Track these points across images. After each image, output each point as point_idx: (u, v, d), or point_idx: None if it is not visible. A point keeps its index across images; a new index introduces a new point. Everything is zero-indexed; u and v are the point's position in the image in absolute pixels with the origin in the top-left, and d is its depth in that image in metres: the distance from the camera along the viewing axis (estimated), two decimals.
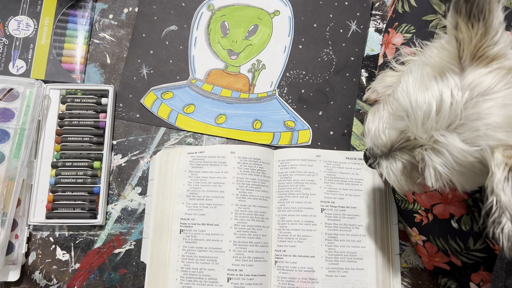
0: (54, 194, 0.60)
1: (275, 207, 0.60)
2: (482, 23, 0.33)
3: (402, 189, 0.43)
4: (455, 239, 0.52)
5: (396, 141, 0.39)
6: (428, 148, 0.36)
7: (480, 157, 0.34)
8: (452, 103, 0.34)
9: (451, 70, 0.35)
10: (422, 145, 0.37)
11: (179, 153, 0.61)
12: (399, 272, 0.59)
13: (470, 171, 0.35)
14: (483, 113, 0.33)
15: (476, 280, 0.52)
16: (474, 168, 0.35)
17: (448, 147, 0.35)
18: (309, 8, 0.67)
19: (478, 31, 0.33)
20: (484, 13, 0.33)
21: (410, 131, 0.37)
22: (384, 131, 0.40)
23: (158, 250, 0.58)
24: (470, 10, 0.33)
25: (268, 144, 0.63)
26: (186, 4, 0.68)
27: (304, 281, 0.57)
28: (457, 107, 0.34)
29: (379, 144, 0.41)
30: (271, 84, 0.66)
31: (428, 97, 0.35)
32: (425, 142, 0.36)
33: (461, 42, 0.34)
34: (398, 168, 0.41)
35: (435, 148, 0.36)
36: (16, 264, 0.58)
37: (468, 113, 0.34)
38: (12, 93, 0.62)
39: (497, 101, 0.33)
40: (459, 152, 0.34)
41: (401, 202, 0.57)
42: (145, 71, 0.66)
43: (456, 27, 0.34)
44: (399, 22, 0.59)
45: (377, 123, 0.41)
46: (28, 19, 0.65)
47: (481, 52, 0.34)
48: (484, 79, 0.34)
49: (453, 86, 0.34)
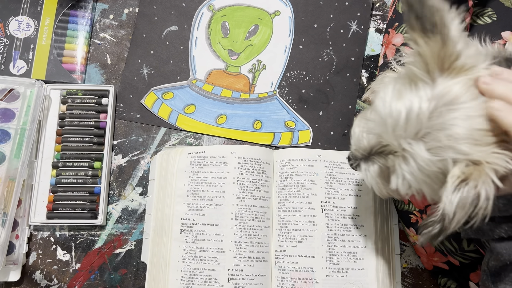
0: (54, 194, 0.60)
1: (275, 207, 0.60)
2: (438, 36, 0.33)
3: (380, 192, 0.43)
4: (450, 240, 0.52)
5: (374, 146, 0.40)
6: (399, 155, 0.37)
7: (442, 167, 0.34)
8: (418, 112, 0.34)
9: (423, 81, 0.35)
10: (396, 152, 0.37)
11: (179, 153, 0.61)
12: (400, 272, 0.59)
13: (434, 182, 0.36)
14: (447, 124, 0.34)
15: (475, 279, 0.52)
16: (437, 179, 0.35)
17: (414, 156, 0.35)
18: (310, 8, 0.67)
19: (436, 44, 0.33)
20: (437, 27, 0.33)
21: (383, 137, 0.38)
22: (364, 136, 0.41)
23: (158, 250, 0.58)
24: (423, 26, 0.33)
25: (269, 144, 0.63)
26: (187, 4, 0.68)
27: (304, 281, 0.57)
28: (423, 116, 0.34)
29: (360, 148, 0.42)
30: (272, 84, 0.66)
31: (400, 105, 0.35)
32: (397, 149, 0.37)
33: (423, 55, 0.34)
34: (375, 171, 0.41)
35: (404, 156, 0.36)
36: (17, 264, 0.58)
37: (433, 123, 0.34)
38: (12, 94, 0.62)
39: (462, 112, 0.33)
40: (423, 161, 0.35)
41: (398, 202, 0.57)
42: (146, 71, 0.66)
43: (416, 42, 0.34)
44: (400, 23, 0.60)
45: (361, 127, 0.42)
46: (29, 20, 0.65)
47: (447, 64, 0.34)
48: (451, 89, 0.34)
49: (423, 95, 0.34)
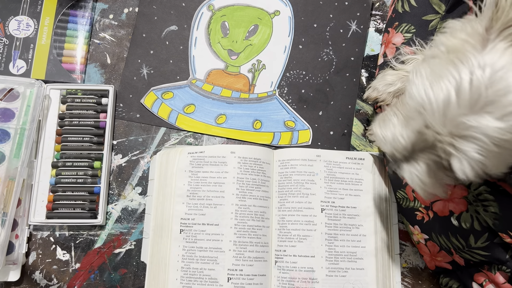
0: (54, 194, 0.60)
1: (275, 207, 0.60)
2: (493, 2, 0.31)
3: (427, 193, 0.40)
4: (456, 237, 0.51)
5: (416, 142, 0.37)
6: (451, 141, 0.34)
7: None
8: (473, 83, 0.31)
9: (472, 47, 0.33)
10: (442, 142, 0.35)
11: (179, 153, 0.61)
12: (399, 272, 0.59)
13: (507, 150, 0.33)
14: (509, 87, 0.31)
15: (479, 280, 0.52)
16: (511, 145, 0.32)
17: (481, 130, 0.32)
18: (309, 8, 0.67)
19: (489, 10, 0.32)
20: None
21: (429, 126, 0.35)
22: (401, 135, 0.38)
23: (158, 250, 0.58)
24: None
25: (268, 144, 0.63)
26: (186, 4, 0.68)
27: (304, 281, 0.57)
28: (479, 85, 0.31)
29: (399, 148, 0.39)
30: (271, 84, 0.66)
31: (445, 84, 0.32)
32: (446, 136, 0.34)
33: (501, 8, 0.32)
34: (422, 171, 0.38)
35: (465, 135, 0.33)
36: (17, 264, 0.58)
37: (495, 89, 0.31)
38: (12, 93, 0.62)
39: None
40: (496, 131, 0.32)
41: (402, 200, 0.57)
42: (145, 71, 0.66)
43: None
44: (399, 22, 0.59)
45: (392, 128, 0.39)
46: (29, 19, 0.65)
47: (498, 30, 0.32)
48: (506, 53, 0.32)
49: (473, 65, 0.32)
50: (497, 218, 0.46)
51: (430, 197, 0.41)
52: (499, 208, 0.46)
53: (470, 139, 0.33)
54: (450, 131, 0.34)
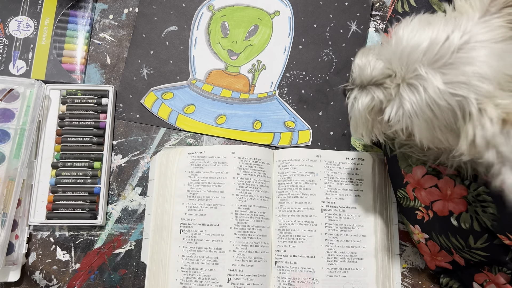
0: (54, 195, 0.60)
1: (275, 208, 0.60)
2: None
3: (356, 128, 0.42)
4: (456, 237, 0.51)
5: (376, 76, 0.38)
6: (399, 84, 0.35)
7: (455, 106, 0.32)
8: (445, 42, 0.32)
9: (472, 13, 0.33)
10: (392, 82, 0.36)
11: (179, 154, 0.61)
12: (399, 272, 0.59)
13: (436, 121, 0.34)
14: (477, 59, 0.32)
15: (480, 280, 0.52)
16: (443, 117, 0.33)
17: (425, 84, 0.33)
18: (309, 8, 0.67)
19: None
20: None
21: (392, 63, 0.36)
22: (370, 64, 0.40)
23: (158, 250, 0.58)
24: None
25: (268, 145, 0.63)
26: (186, 4, 0.68)
27: (304, 282, 0.57)
28: (450, 46, 0.32)
29: (363, 75, 0.40)
30: (271, 84, 0.66)
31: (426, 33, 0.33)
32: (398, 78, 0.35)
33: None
34: (365, 102, 0.40)
35: (412, 84, 0.34)
36: (16, 265, 0.58)
37: (460, 55, 0.32)
38: (12, 94, 0.62)
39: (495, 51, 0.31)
40: (435, 93, 0.32)
41: (402, 199, 0.57)
42: (145, 71, 0.66)
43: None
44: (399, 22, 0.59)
45: (367, 57, 0.40)
46: (28, 20, 0.65)
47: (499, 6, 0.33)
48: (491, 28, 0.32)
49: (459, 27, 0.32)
50: (496, 219, 0.46)
51: (357, 135, 0.43)
52: (497, 209, 0.46)
53: (413, 88, 0.34)
54: (404, 75, 0.35)
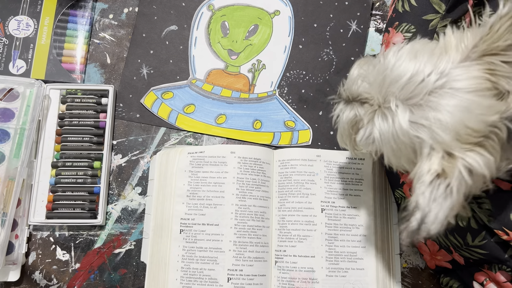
0: (54, 194, 0.60)
1: (275, 207, 0.60)
2: None
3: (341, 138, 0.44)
4: (454, 235, 0.51)
5: (361, 95, 0.39)
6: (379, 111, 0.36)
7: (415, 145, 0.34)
8: (421, 82, 0.33)
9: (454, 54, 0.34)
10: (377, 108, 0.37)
11: (179, 153, 0.61)
12: (399, 272, 0.59)
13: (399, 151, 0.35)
14: (443, 107, 0.32)
15: (480, 279, 0.51)
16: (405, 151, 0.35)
17: (394, 118, 0.34)
18: (309, 8, 0.67)
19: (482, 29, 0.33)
20: None
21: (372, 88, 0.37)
22: (359, 80, 0.41)
23: (158, 250, 0.58)
24: None
25: (268, 144, 0.63)
26: (186, 4, 0.68)
27: (304, 281, 0.57)
28: (426, 86, 0.33)
29: (351, 90, 0.41)
30: (271, 84, 0.65)
31: (410, 66, 0.34)
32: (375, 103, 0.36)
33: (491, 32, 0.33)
34: (348, 117, 0.41)
35: (384, 114, 0.35)
36: (16, 264, 0.58)
37: (430, 99, 0.33)
38: (12, 93, 0.62)
39: (463, 102, 0.32)
40: (400, 129, 0.34)
41: (400, 200, 0.57)
42: (145, 71, 0.66)
43: None
44: (400, 22, 0.59)
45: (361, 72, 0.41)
46: (28, 19, 0.65)
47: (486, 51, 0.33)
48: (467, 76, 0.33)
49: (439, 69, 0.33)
50: (491, 214, 0.46)
51: (342, 145, 0.45)
52: (491, 204, 0.46)
53: (385, 118, 0.35)
54: (379, 102, 0.36)
